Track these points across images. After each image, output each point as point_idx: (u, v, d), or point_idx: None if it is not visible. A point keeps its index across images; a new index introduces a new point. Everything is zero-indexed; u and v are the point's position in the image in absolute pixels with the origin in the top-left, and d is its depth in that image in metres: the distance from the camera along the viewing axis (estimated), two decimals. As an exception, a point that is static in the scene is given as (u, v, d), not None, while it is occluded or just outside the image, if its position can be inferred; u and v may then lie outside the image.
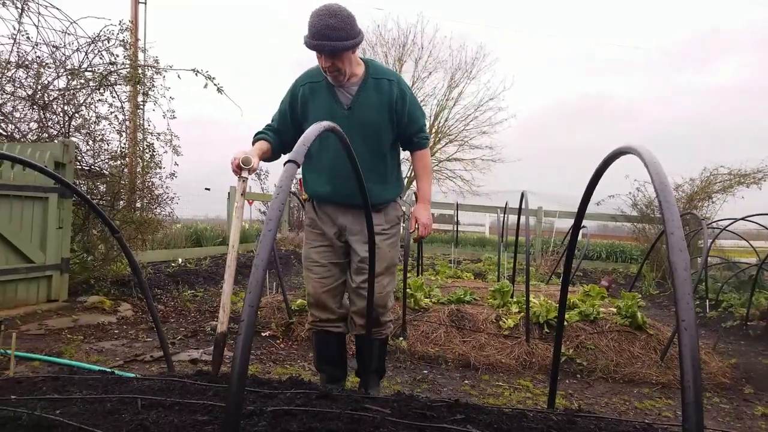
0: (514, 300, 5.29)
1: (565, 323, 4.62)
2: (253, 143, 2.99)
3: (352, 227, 3.01)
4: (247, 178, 2.78)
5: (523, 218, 5.56)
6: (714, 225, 8.28)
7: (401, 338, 4.64)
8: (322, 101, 2.93)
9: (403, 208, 3.71)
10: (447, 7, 48.74)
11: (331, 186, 2.98)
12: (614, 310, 5.05)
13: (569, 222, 12.45)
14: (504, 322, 4.83)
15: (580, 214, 2.39)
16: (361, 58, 2.96)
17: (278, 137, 3.01)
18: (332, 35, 2.66)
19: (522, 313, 4.90)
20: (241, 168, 2.74)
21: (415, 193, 6.42)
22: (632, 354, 4.53)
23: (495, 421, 2.07)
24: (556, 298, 5.19)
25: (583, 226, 8.26)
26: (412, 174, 19.22)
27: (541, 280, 8.49)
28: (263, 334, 4.84)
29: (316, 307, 3.03)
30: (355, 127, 2.87)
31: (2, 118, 6.52)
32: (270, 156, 3.00)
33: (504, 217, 8.94)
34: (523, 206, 5.38)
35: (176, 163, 7.21)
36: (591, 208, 3.01)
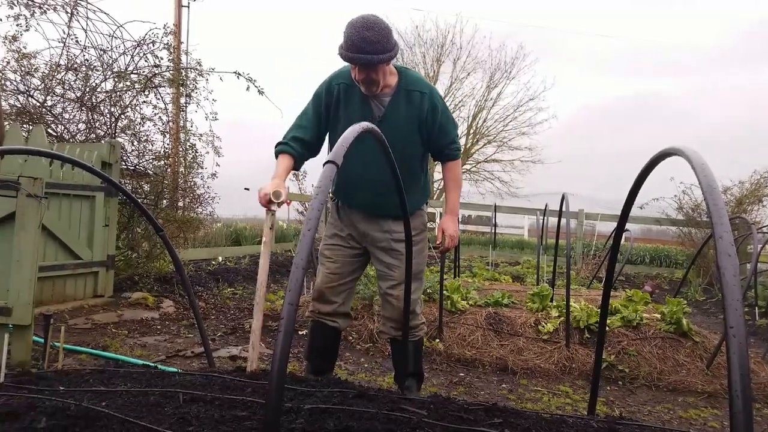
0: (554, 304, 5.20)
1: (607, 328, 4.52)
2: (276, 155, 2.92)
3: (374, 235, 3.01)
4: (276, 211, 2.72)
5: (563, 221, 5.47)
6: (765, 229, 8.00)
7: (437, 340, 4.62)
8: (355, 109, 2.88)
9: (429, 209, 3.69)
10: (487, 6, 48.38)
11: (357, 194, 2.98)
12: (658, 316, 4.92)
13: (611, 225, 12.20)
14: (543, 327, 4.75)
15: (624, 217, 2.34)
16: (395, 66, 2.92)
17: (304, 144, 2.93)
18: (368, 48, 2.62)
19: (562, 318, 4.81)
20: (271, 201, 2.68)
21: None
22: (677, 361, 4.41)
23: (533, 426, 2.04)
24: (597, 302, 5.09)
25: (627, 230, 8.07)
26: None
27: (582, 284, 8.33)
28: (301, 333, 4.89)
29: (318, 300, 3.06)
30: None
31: (53, 119, 6.75)
32: (293, 169, 2.95)
33: (544, 219, 8.80)
34: (564, 208, 5.29)
35: (217, 164, 7.38)
36: (634, 212, 2.93)
